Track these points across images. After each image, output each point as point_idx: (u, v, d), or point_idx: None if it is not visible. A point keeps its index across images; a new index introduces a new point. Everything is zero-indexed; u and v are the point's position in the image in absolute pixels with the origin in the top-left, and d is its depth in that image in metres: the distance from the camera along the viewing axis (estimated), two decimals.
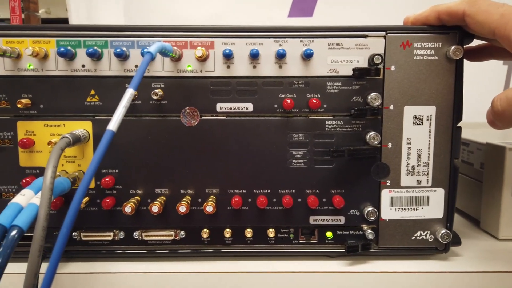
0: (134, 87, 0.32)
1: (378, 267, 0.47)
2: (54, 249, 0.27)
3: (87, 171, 0.27)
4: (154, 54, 0.36)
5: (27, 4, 1.19)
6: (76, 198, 0.27)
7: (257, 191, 0.47)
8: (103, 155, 0.29)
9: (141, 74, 0.32)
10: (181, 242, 0.47)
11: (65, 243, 0.28)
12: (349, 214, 0.47)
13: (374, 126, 0.46)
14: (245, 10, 1.11)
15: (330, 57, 0.45)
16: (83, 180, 0.27)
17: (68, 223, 0.26)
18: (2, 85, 0.45)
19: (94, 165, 0.27)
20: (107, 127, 0.30)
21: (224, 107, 0.45)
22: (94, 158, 0.27)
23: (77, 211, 0.28)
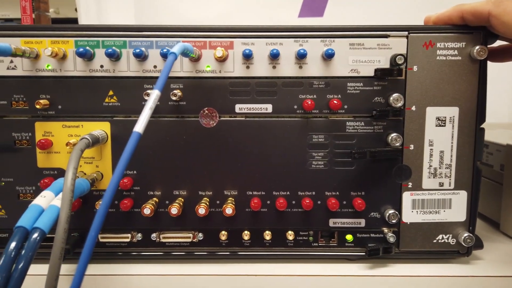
0: (160, 88, 0.31)
1: (399, 271, 0.46)
2: (82, 253, 0.26)
3: (114, 174, 0.27)
4: (178, 55, 0.35)
5: (37, 4, 1.19)
6: (104, 201, 0.26)
7: (276, 193, 0.46)
8: (130, 158, 0.29)
9: (166, 74, 0.32)
10: (199, 244, 0.47)
11: (93, 246, 0.27)
12: (369, 216, 0.46)
13: (395, 127, 0.45)
14: (254, 10, 1.11)
15: (351, 57, 0.44)
16: (111, 183, 0.27)
17: (97, 226, 0.26)
18: (21, 86, 0.44)
19: (122, 168, 0.26)
20: (134, 129, 0.30)
21: (243, 108, 0.45)
22: (121, 160, 0.27)
23: (105, 214, 0.27)
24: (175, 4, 1.10)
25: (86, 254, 0.25)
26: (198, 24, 0.44)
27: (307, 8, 1.14)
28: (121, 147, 0.44)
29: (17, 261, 0.33)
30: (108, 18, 1.12)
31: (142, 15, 1.11)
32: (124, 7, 1.13)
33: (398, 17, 1.04)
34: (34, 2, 1.18)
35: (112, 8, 1.13)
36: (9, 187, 0.46)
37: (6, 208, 0.46)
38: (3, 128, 0.45)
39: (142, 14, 1.12)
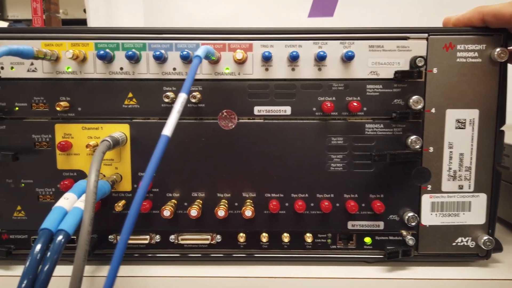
0: (186, 91, 0.31)
1: (418, 273, 0.46)
2: (114, 255, 0.26)
3: (144, 177, 0.27)
4: (202, 57, 0.35)
5: (48, 6, 1.20)
6: (135, 204, 0.27)
7: (294, 195, 0.46)
8: (159, 161, 0.29)
9: (192, 77, 0.32)
10: (217, 246, 0.47)
11: (124, 249, 0.27)
12: (388, 219, 0.46)
13: (415, 129, 0.45)
14: (264, 11, 1.11)
15: (370, 59, 0.44)
16: (141, 186, 0.27)
17: (128, 229, 0.26)
18: (41, 88, 0.45)
19: (151, 171, 0.26)
20: (162, 132, 0.30)
21: (262, 110, 0.45)
22: (151, 163, 0.27)
23: (136, 216, 0.28)
24: (185, 5, 1.10)
25: (117, 257, 0.25)
26: (207, 24, 0.44)
27: (317, 8, 1.14)
28: (140, 149, 0.45)
29: (43, 263, 0.33)
30: (117, 19, 1.12)
31: (152, 16, 1.12)
32: (133, 8, 1.13)
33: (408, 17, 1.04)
34: (44, 4, 1.19)
35: (121, 10, 1.14)
36: (29, 189, 0.46)
37: (25, 210, 0.46)
38: (24, 130, 0.45)
39: (151, 15, 1.12)
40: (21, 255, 0.47)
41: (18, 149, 0.45)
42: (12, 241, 0.47)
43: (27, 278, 0.32)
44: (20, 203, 0.46)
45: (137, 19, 1.12)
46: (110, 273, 0.25)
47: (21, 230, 0.47)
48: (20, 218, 0.46)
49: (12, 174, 0.46)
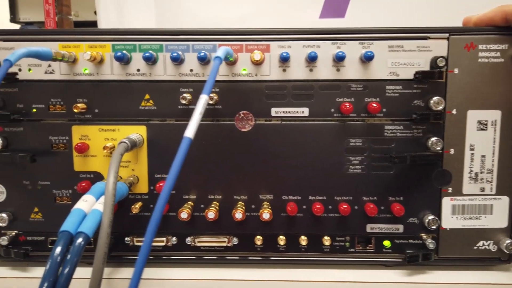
0: (208, 92, 0.31)
1: (438, 278, 0.45)
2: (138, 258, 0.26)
3: (167, 179, 0.27)
4: (223, 59, 0.35)
5: (60, 8, 1.21)
6: (158, 206, 0.26)
7: (312, 197, 0.45)
8: (182, 163, 0.28)
9: (213, 79, 0.32)
10: (234, 249, 0.47)
11: (149, 252, 0.27)
12: (408, 222, 0.45)
13: (435, 131, 0.44)
14: (275, 12, 1.10)
15: (390, 59, 0.43)
16: (164, 189, 0.27)
17: (151, 232, 0.26)
18: (58, 90, 0.45)
19: (174, 173, 0.26)
20: (184, 134, 0.30)
21: (279, 112, 0.44)
22: (174, 166, 0.27)
23: (160, 219, 0.27)
24: (196, 7, 1.10)
25: (142, 260, 0.25)
26: (218, 26, 0.44)
27: (329, 9, 1.13)
28: (157, 151, 0.45)
29: (63, 265, 0.32)
30: (129, 21, 1.12)
31: (163, 19, 1.12)
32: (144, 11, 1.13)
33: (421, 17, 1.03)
34: (57, 6, 1.20)
35: (132, 11, 1.14)
36: (46, 190, 0.46)
37: (43, 211, 0.46)
38: (41, 131, 0.45)
39: (163, 17, 1.12)
40: (38, 257, 0.47)
41: (35, 151, 0.45)
42: (29, 242, 0.47)
43: (47, 280, 0.32)
44: (37, 204, 0.46)
45: (149, 22, 1.12)
46: (134, 277, 0.25)
47: (38, 232, 0.47)
48: (37, 220, 0.46)
49: (30, 176, 0.46)
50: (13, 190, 0.46)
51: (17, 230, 0.47)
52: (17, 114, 0.45)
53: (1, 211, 0.46)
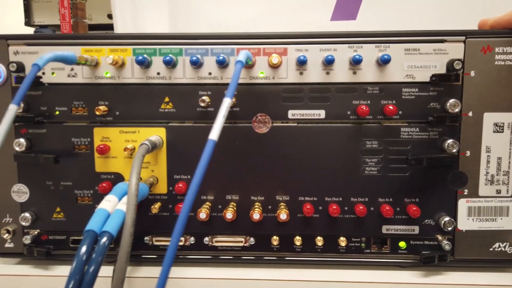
0: (231, 96, 0.32)
1: (454, 279, 0.45)
2: (165, 257, 0.27)
3: (193, 182, 0.28)
4: (244, 62, 0.36)
5: (75, 11, 1.23)
6: (185, 207, 0.27)
7: (328, 199, 0.46)
8: (207, 165, 0.29)
9: (236, 82, 0.32)
10: (251, 249, 0.47)
11: (175, 252, 0.28)
12: (423, 223, 0.46)
13: (451, 133, 0.44)
14: (287, 14, 1.11)
15: (406, 62, 0.44)
16: (190, 191, 0.27)
17: (178, 233, 0.27)
18: (80, 93, 0.46)
19: (200, 175, 0.27)
20: (209, 137, 0.31)
21: (296, 114, 0.45)
22: (199, 168, 0.28)
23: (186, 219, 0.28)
24: (209, 9, 1.11)
25: (168, 259, 0.26)
26: (231, 28, 0.44)
27: (340, 11, 1.14)
28: (175, 152, 0.45)
29: (88, 264, 0.33)
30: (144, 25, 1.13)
31: (177, 21, 1.13)
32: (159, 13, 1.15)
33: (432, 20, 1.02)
34: (72, 10, 1.22)
35: (147, 15, 1.15)
36: (68, 191, 0.47)
37: (64, 211, 0.48)
38: (63, 133, 0.46)
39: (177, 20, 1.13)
40: (60, 256, 0.48)
41: (58, 152, 0.46)
42: (51, 241, 0.48)
43: (73, 279, 0.33)
44: (59, 204, 0.47)
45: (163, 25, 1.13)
46: (161, 276, 0.26)
47: (60, 231, 0.48)
48: (59, 219, 0.48)
49: (52, 176, 0.47)
50: (36, 190, 0.47)
51: (40, 230, 0.48)
52: (41, 116, 0.46)
53: (24, 211, 0.47)
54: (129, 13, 1.15)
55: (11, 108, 0.31)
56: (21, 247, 0.48)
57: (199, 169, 0.27)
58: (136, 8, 1.14)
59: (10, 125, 0.31)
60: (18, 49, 0.45)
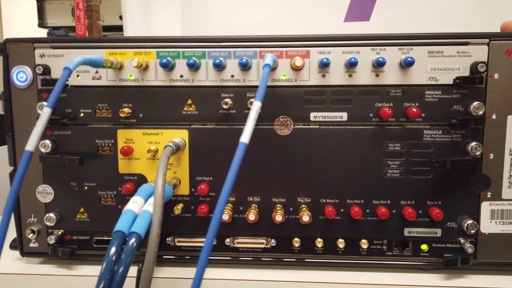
0: (260, 99, 0.32)
1: (476, 282, 0.45)
2: (200, 258, 0.27)
3: (225, 184, 0.28)
4: (272, 66, 0.36)
5: (90, 13, 1.24)
6: (218, 210, 0.27)
7: (350, 201, 0.46)
8: (239, 167, 0.29)
9: (264, 85, 0.33)
10: (272, 250, 0.48)
11: (210, 252, 0.28)
12: (446, 226, 0.46)
13: (474, 136, 0.44)
14: (300, 15, 1.11)
15: (429, 65, 0.44)
16: (222, 194, 0.28)
17: (212, 234, 0.27)
18: (104, 95, 0.46)
19: (232, 177, 0.27)
20: (240, 140, 0.31)
21: (318, 116, 0.45)
22: (231, 170, 0.28)
23: (219, 221, 0.28)
24: (222, 11, 1.11)
25: (203, 260, 0.26)
26: (244, 30, 0.44)
27: (353, 13, 1.13)
28: (198, 154, 0.46)
29: (118, 265, 0.34)
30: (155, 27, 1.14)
31: (190, 23, 1.14)
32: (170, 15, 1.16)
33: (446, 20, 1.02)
34: (86, 12, 1.23)
35: (159, 16, 1.16)
36: (91, 192, 0.48)
37: (88, 212, 0.48)
38: (87, 135, 0.47)
39: (188, 21, 1.14)
40: (83, 255, 0.48)
41: (82, 154, 0.47)
42: (75, 241, 0.49)
43: (104, 279, 0.33)
44: (83, 205, 0.48)
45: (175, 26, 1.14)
46: (196, 277, 0.26)
47: (84, 232, 0.48)
48: (83, 220, 0.48)
49: (76, 177, 0.48)
50: (60, 191, 0.48)
51: (63, 230, 0.49)
52: (66, 118, 0.47)
53: (49, 211, 0.48)
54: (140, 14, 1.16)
55: (45, 110, 0.32)
56: (45, 247, 0.49)
57: (231, 172, 0.27)
58: (147, 10, 1.15)
59: (44, 127, 0.32)
60: (44, 52, 0.46)
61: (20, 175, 0.29)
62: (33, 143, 0.30)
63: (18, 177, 0.28)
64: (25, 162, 0.29)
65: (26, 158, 0.29)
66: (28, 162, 0.30)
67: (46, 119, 0.32)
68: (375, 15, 1.11)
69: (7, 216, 0.29)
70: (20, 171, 0.29)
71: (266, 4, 1.11)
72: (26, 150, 0.30)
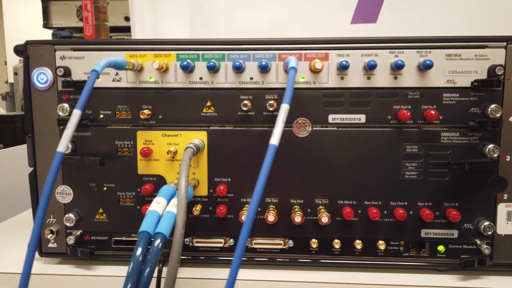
0: (288, 101, 0.33)
1: (492, 283, 0.45)
2: (234, 259, 0.27)
3: (257, 186, 0.28)
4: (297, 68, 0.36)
5: (97, 14, 1.25)
6: (250, 211, 0.28)
7: (367, 202, 0.46)
8: (269, 170, 0.30)
9: (291, 88, 0.33)
10: (289, 251, 0.48)
11: (243, 253, 0.28)
12: (462, 228, 0.46)
13: (492, 138, 0.45)
14: (306, 18, 1.11)
15: (447, 68, 0.44)
16: (255, 193, 0.28)
17: (245, 235, 0.27)
18: (124, 97, 0.47)
19: (263, 179, 0.28)
20: (270, 142, 0.31)
21: (336, 118, 0.46)
22: (262, 172, 0.28)
23: (252, 222, 0.29)
24: (231, 13, 1.12)
25: (237, 261, 0.27)
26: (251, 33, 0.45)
27: (360, 15, 1.14)
28: (216, 155, 0.46)
29: (144, 265, 0.34)
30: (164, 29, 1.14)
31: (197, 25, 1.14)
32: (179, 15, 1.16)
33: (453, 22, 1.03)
34: (94, 13, 1.23)
35: (167, 17, 1.16)
36: (110, 192, 0.48)
37: (107, 212, 0.49)
38: (107, 136, 0.47)
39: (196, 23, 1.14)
40: (102, 256, 0.49)
41: (101, 155, 0.47)
42: (93, 242, 0.49)
43: (131, 279, 0.33)
44: (102, 206, 0.48)
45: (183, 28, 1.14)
46: (230, 276, 0.26)
47: (102, 232, 0.49)
48: (102, 221, 0.49)
49: (96, 179, 0.48)
50: (80, 192, 0.48)
51: (82, 230, 0.49)
52: (86, 119, 0.47)
53: (68, 212, 0.48)
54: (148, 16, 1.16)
55: (75, 112, 0.32)
56: (63, 247, 0.49)
57: (262, 174, 0.28)
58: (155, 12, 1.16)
59: (74, 128, 0.32)
60: (65, 54, 0.46)
61: (52, 176, 0.29)
62: (64, 144, 0.30)
63: (51, 179, 0.29)
64: (57, 163, 0.30)
65: (58, 159, 0.30)
66: (59, 163, 0.30)
67: (77, 121, 0.32)
68: (382, 17, 1.12)
69: (40, 218, 0.29)
70: (52, 173, 0.29)
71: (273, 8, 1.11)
72: (58, 152, 0.30)
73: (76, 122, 0.32)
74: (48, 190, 0.28)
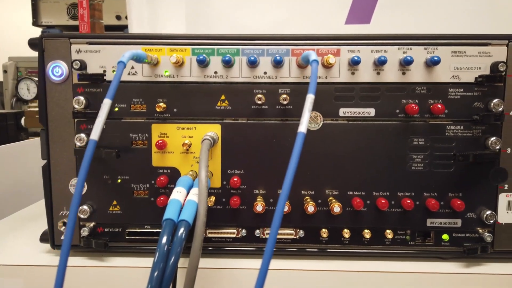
0: (313, 92, 0.34)
1: (493, 269, 0.48)
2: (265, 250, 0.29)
3: (287, 175, 0.30)
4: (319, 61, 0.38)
5: (92, 12, 1.24)
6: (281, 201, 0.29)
7: (376, 193, 0.48)
8: (299, 158, 0.31)
9: (315, 81, 0.35)
10: (300, 241, 0.49)
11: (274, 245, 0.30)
12: (466, 217, 0.48)
13: (494, 131, 0.47)
14: (302, 18, 1.13)
15: (453, 64, 0.46)
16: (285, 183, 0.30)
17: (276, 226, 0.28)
18: (140, 90, 0.48)
19: (293, 168, 0.29)
20: (298, 130, 0.33)
21: (347, 112, 0.47)
22: (292, 160, 0.30)
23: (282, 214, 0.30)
24: (229, 12, 1.13)
25: (269, 252, 0.28)
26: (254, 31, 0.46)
27: (354, 15, 1.16)
28: (229, 148, 0.48)
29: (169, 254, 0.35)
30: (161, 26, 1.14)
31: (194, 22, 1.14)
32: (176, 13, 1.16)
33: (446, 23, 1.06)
34: (89, 11, 1.23)
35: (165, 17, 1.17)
36: (125, 185, 0.49)
37: (121, 204, 0.49)
38: (122, 129, 0.48)
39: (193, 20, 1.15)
40: (115, 247, 0.49)
41: (116, 147, 0.48)
42: (107, 234, 0.50)
43: (157, 268, 0.34)
44: (116, 198, 0.49)
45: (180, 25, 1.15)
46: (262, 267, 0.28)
47: (116, 224, 0.49)
48: (115, 212, 0.49)
49: (110, 171, 0.49)
50: (93, 184, 0.49)
51: (96, 222, 0.49)
52: None
53: (82, 204, 0.49)
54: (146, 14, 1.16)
55: (106, 102, 0.33)
56: (76, 239, 0.49)
57: (292, 162, 0.29)
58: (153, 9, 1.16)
59: (105, 117, 0.33)
60: (80, 48, 0.47)
61: (86, 165, 0.30)
62: (96, 132, 0.31)
63: (84, 167, 0.30)
64: (91, 151, 0.30)
65: (91, 147, 0.31)
66: (93, 151, 0.31)
67: (107, 110, 0.33)
68: (376, 18, 1.14)
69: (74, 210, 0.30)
70: (86, 161, 0.30)
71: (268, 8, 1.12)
72: (91, 139, 0.31)
73: (107, 111, 0.33)
74: (82, 179, 0.29)
